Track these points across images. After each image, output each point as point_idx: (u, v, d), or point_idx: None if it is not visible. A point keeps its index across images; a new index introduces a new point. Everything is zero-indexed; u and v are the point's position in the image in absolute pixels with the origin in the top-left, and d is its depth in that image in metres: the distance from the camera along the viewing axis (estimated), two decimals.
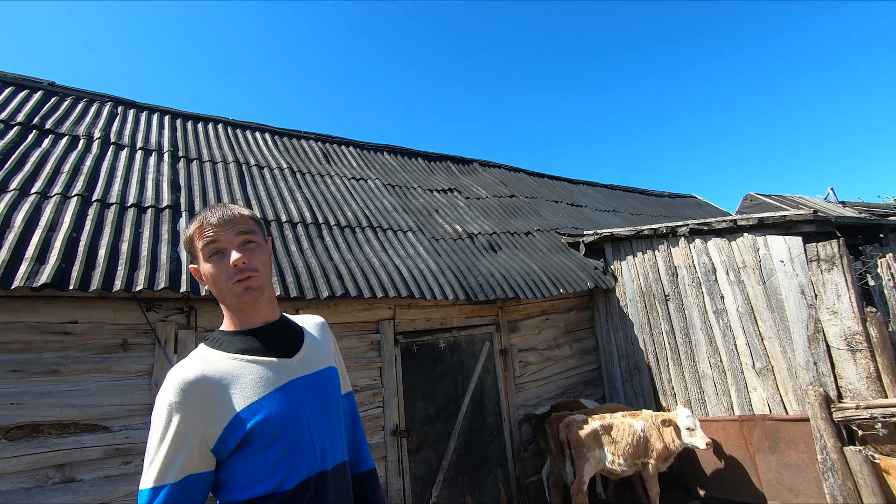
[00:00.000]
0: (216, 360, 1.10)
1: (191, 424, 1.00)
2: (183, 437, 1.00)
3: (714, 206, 13.78)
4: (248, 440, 1.04)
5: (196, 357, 1.11)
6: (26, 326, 2.90)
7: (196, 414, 1.01)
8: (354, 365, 4.09)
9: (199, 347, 1.15)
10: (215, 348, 1.13)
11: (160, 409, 1.02)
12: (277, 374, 1.13)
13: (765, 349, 4.51)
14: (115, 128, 4.97)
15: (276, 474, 1.06)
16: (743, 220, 4.72)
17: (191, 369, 1.06)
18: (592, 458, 4.16)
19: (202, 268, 1.16)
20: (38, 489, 2.75)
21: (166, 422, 1.00)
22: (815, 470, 3.98)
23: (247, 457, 1.05)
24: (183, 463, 0.99)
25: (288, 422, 1.09)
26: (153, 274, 3.13)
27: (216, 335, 1.18)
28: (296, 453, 1.09)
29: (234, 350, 1.13)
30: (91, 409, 2.98)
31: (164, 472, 0.98)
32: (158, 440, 1.00)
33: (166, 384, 1.04)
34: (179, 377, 1.04)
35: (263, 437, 1.05)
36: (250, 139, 6.22)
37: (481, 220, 6.33)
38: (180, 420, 1.00)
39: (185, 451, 1.00)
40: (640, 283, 5.62)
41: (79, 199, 3.52)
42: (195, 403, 1.02)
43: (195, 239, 1.16)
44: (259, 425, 1.05)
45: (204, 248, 1.14)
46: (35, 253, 2.86)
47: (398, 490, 4.07)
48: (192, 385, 1.03)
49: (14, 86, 4.92)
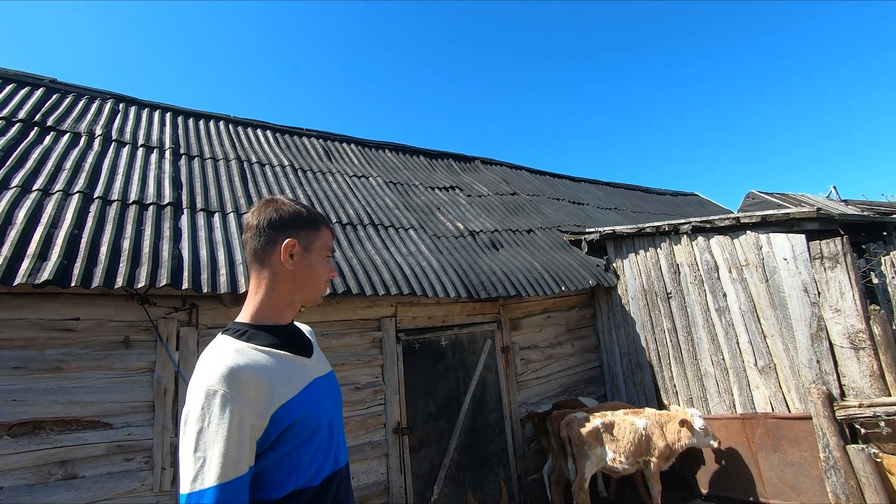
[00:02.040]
0: (251, 353, 1.05)
1: (245, 415, 0.95)
2: (241, 428, 0.94)
3: (716, 205, 13.75)
4: (286, 436, 1.02)
5: (230, 348, 1.05)
6: (28, 323, 2.90)
7: (247, 405, 0.96)
8: (356, 362, 4.09)
9: (224, 338, 1.09)
10: (243, 340, 1.08)
11: (213, 402, 0.94)
12: (304, 372, 1.15)
13: (767, 347, 4.49)
14: (117, 125, 4.97)
15: (308, 470, 1.06)
16: (746, 218, 4.70)
17: (235, 359, 1.00)
18: (594, 456, 4.15)
19: (313, 260, 1.21)
20: (40, 486, 2.76)
21: (222, 413, 0.93)
22: (818, 468, 3.97)
23: (282, 453, 1.02)
24: (246, 455, 0.95)
25: (319, 419, 1.10)
26: (155, 271, 3.13)
27: (239, 327, 1.12)
28: (322, 450, 1.10)
29: (265, 344, 1.09)
30: (93, 406, 2.99)
31: (229, 465, 0.91)
32: (215, 432, 0.92)
33: (211, 375, 0.97)
34: (226, 366, 0.97)
35: (301, 432, 1.05)
36: (252, 136, 6.21)
37: (483, 217, 6.32)
38: (238, 410, 0.94)
39: (246, 442, 0.95)
40: (643, 281, 5.61)
41: (80, 196, 3.52)
42: (246, 394, 0.97)
43: (323, 234, 1.24)
44: (299, 421, 1.04)
45: (327, 248, 1.25)
46: (37, 250, 2.86)
47: (399, 487, 4.07)
48: (241, 375, 0.98)
49: (16, 83, 4.92)
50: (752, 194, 13.18)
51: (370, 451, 4.00)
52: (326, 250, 1.24)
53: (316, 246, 1.21)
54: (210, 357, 1.02)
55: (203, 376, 0.97)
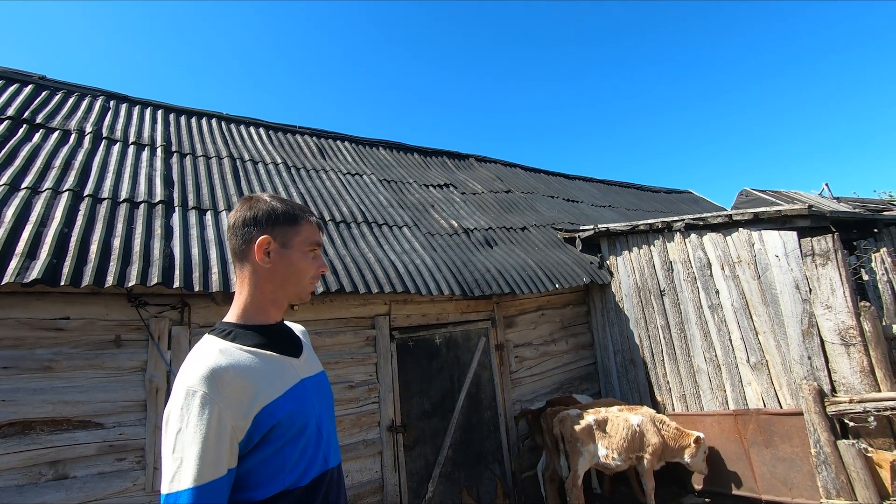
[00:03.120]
0: (235, 353, 1.05)
1: (225, 416, 0.95)
2: (220, 429, 0.94)
3: (710, 202, 13.82)
4: (270, 436, 1.02)
5: (213, 348, 1.04)
6: (17, 323, 2.87)
7: (229, 406, 0.96)
8: (350, 360, 4.08)
9: (210, 339, 1.08)
10: (228, 340, 1.08)
11: (192, 402, 0.94)
12: (291, 372, 1.14)
13: (759, 344, 4.52)
14: (108, 122, 4.92)
15: (294, 471, 1.05)
16: (738, 216, 4.73)
17: (217, 360, 1.00)
18: (587, 453, 4.17)
19: (293, 256, 1.18)
20: (30, 486, 2.74)
21: (200, 414, 0.93)
22: (809, 463, 4.01)
23: (267, 454, 1.02)
24: (225, 456, 0.94)
25: (305, 419, 1.10)
26: (146, 269, 3.11)
27: (225, 327, 1.12)
28: (309, 450, 1.09)
29: (250, 344, 1.09)
30: (84, 406, 2.96)
31: (206, 467, 0.91)
32: (193, 433, 0.91)
33: (192, 375, 0.97)
34: (207, 367, 0.97)
35: (286, 433, 1.04)
36: (244, 134, 6.17)
37: (477, 215, 6.32)
38: (217, 411, 0.94)
39: (225, 444, 0.94)
40: (636, 278, 5.63)
41: (70, 194, 3.48)
42: (227, 395, 0.96)
43: (304, 229, 1.20)
44: (283, 421, 1.03)
45: (309, 244, 1.20)
46: (25, 248, 2.83)
47: (394, 485, 4.08)
48: (222, 375, 0.98)
49: (4, 80, 4.86)
50: (745, 192, 13.24)
51: (364, 450, 4.00)
52: (309, 245, 1.20)
53: (295, 242, 1.18)
54: (194, 357, 1.02)
55: (185, 376, 0.98)
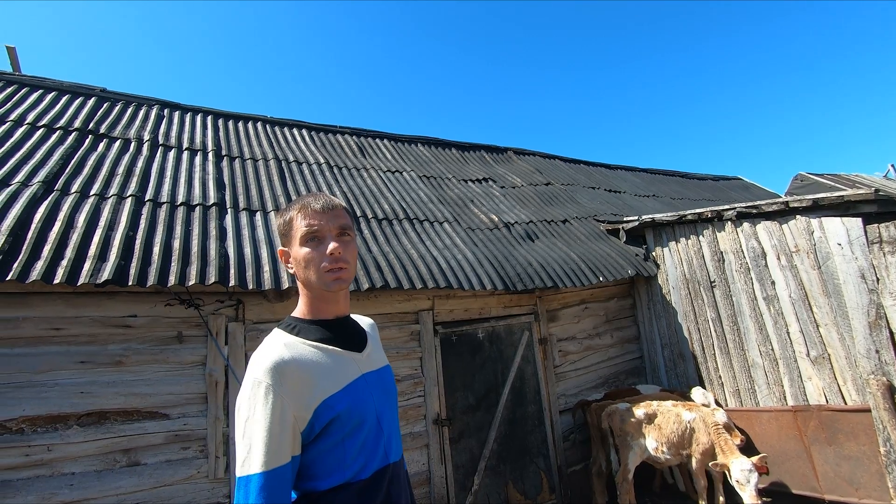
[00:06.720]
0: (299, 347, 1.10)
1: (288, 406, 1.00)
2: (283, 418, 0.99)
3: (761, 188, 13.14)
4: (330, 429, 1.06)
5: (279, 341, 1.10)
6: (91, 320, 3.10)
7: (291, 397, 1.01)
8: (395, 355, 4.16)
9: (277, 332, 1.15)
10: (293, 334, 1.13)
11: (258, 392, 1.00)
12: (353, 367, 1.17)
13: (820, 337, 4.29)
14: (163, 130, 5.19)
15: (354, 464, 1.09)
16: (795, 202, 4.48)
17: (282, 353, 1.05)
18: (637, 447, 4.09)
19: (295, 251, 1.17)
20: (107, 472, 2.95)
21: (265, 403, 0.99)
22: (878, 462, 3.78)
23: (327, 446, 1.06)
24: (289, 444, 1.00)
25: (366, 414, 1.13)
26: (204, 269, 3.27)
27: (291, 321, 1.18)
28: (370, 444, 1.13)
29: (314, 338, 1.14)
30: (152, 398, 3.16)
31: (272, 453, 0.96)
32: (259, 421, 0.98)
33: (258, 367, 1.03)
34: (272, 360, 1.03)
35: (346, 426, 1.08)
36: (288, 136, 6.36)
37: (517, 209, 6.28)
38: (281, 402, 0.99)
39: (288, 432, 1.00)
40: (684, 270, 5.45)
41: (133, 199, 3.70)
42: (289, 386, 1.02)
43: (294, 221, 1.17)
44: (342, 415, 1.07)
45: (304, 232, 1.15)
46: (97, 251, 3.04)
47: (441, 477, 4.14)
48: (285, 368, 1.03)
49: (70, 94, 5.21)
50: (800, 176, 12.49)
51: (411, 442, 4.08)
52: (303, 234, 1.16)
53: (295, 238, 1.18)
54: (262, 349, 1.09)
55: (253, 367, 1.04)
